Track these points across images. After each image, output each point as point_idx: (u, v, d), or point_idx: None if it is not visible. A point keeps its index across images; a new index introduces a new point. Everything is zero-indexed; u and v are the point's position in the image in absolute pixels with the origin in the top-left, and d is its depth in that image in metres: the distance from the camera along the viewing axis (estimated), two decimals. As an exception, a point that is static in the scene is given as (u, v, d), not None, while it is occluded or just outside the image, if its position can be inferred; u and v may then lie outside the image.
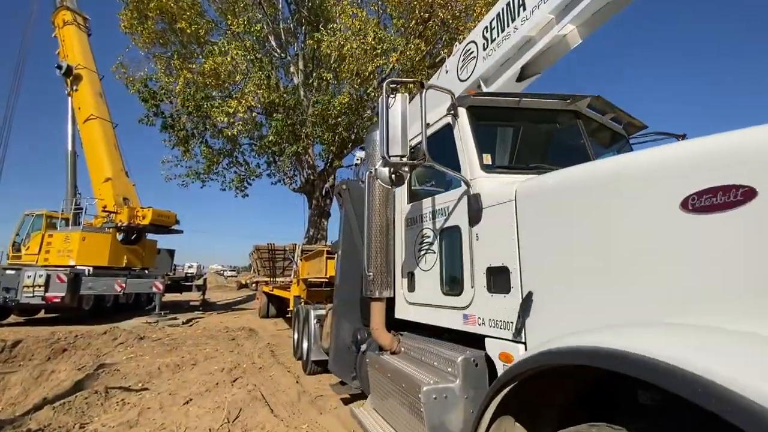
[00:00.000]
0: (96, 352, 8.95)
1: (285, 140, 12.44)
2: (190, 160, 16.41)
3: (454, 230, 2.73)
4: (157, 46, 15.91)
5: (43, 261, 13.79)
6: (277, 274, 14.11)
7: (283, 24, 16.08)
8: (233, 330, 11.36)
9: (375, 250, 3.32)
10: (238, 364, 7.03)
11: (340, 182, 4.88)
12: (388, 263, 3.36)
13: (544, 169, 2.42)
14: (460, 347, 2.60)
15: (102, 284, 12.89)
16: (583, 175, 1.92)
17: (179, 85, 11.95)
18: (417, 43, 10.68)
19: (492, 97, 2.87)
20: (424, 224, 3.11)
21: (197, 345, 9.13)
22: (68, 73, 16.82)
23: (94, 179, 15.57)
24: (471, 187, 2.56)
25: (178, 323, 12.73)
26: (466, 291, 2.54)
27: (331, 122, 12.34)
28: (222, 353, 8.16)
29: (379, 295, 3.30)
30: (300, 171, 17.34)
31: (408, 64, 11.09)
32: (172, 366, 6.91)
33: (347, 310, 4.48)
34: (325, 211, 17.28)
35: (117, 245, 14.52)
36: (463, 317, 2.55)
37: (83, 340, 10.02)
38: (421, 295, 3.08)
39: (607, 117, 3.14)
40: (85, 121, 16.15)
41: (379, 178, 2.56)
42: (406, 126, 2.42)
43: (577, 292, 1.81)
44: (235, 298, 24.54)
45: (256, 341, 9.71)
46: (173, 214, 15.55)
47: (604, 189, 1.76)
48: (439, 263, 2.87)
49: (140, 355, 8.13)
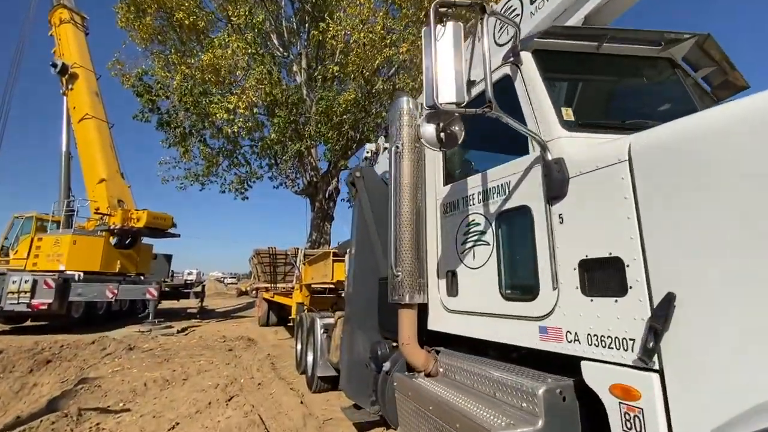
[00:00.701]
0: (82, 363, 8.23)
1: (288, 138, 11.79)
2: (188, 162, 15.83)
3: (519, 213, 2.03)
4: (155, 44, 15.39)
5: (32, 266, 13.06)
6: (278, 280, 13.39)
7: (285, 23, 15.57)
8: (231, 339, 10.61)
9: (404, 245, 2.61)
10: (235, 379, 6.29)
11: (353, 169, 4.19)
12: (420, 261, 2.65)
13: (647, 126, 1.73)
14: (531, 372, 1.89)
15: (93, 290, 12.15)
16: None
17: (177, 80, 11.34)
18: (428, 33, 10.04)
19: (565, 37, 2.17)
20: (470, 209, 2.41)
21: (191, 356, 8.38)
22: (63, 72, 16.25)
23: (87, 180, 14.92)
24: (548, 150, 1.86)
25: (173, 332, 11.96)
26: (545, 294, 1.83)
27: (336, 120, 11.70)
28: (217, 366, 7.41)
29: (409, 301, 2.59)
30: (302, 173, 16.70)
31: (419, 55, 10.46)
32: (161, 381, 6.16)
33: (362, 319, 3.76)
34: (328, 215, 16.60)
35: (110, 249, 13.81)
36: (540, 330, 1.84)
37: (69, 351, 9.31)
38: (468, 301, 2.37)
39: (701, 73, 2.45)
40: (80, 120, 15.55)
41: (423, 138, 1.87)
42: (461, 63, 1.73)
43: (747, 293, 1.11)
44: (235, 306, 23.75)
45: (255, 352, 8.96)
46: (170, 217, 14.85)
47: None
48: (495, 258, 2.17)
49: (127, 368, 7.39)
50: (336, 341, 4.89)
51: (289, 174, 17.37)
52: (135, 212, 13.95)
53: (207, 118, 11.80)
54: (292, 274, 13.53)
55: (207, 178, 15.98)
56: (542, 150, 1.89)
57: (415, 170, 2.76)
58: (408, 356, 2.59)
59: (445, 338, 2.67)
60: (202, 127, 12.33)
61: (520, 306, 1.97)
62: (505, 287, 2.10)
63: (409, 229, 2.65)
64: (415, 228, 2.67)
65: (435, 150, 1.91)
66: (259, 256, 13.33)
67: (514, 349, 2.12)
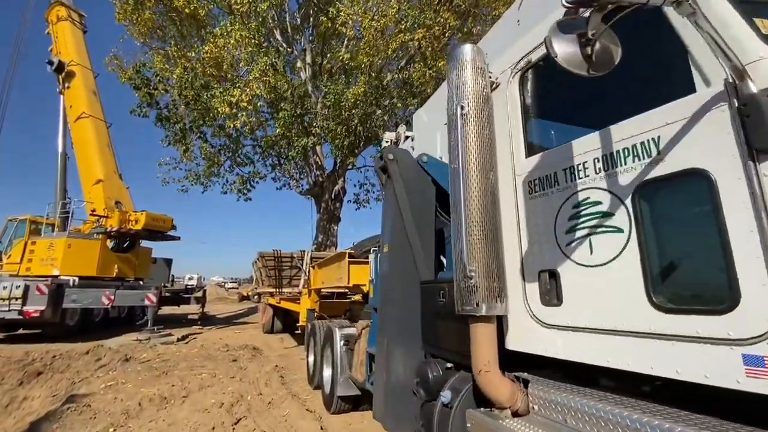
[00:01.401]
0: (75, 375, 7.58)
1: (294, 134, 11.13)
2: (189, 162, 15.20)
3: (685, 180, 1.35)
4: (154, 39, 14.83)
5: (25, 270, 12.41)
6: (283, 285, 12.68)
7: (289, 18, 15.00)
8: (235, 348, 9.90)
9: (476, 237, 1.93)
10: (241, 396, 5.59)
11: (384, 149, 3.50)
12: (499, 259, 1.97)
13: None
14: (692, 417, 1.20)
15: (88, 296, 11.46)
16: None
17: (177, 72, 10.70)
18: (446, 17, 9.40)
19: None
20: (579, 184, 1.73)
21: (191, 368, 7.68)
22: (60, 70, 15.71)
23: (84, 181, 14.31)
24: (748, 78, 1.18)
25: (173, 340, 11.27)
26: (752, 302, 1.14)
27: (345, 114, 11.04)
28: (221, 380, 6.71)
29: (487, 313, 1.90)
30: (307, 173, 16.06)
31: (435, 42, 9.82)
32: (157, 400, 5.46)
33: (401, 331, 3.07)
34: (334, 216, 15.93)
35: (107, 253, 13.14)
36: (746, 361, 1.15)
37: (62, 362, 8.66)
38: (582, 313, 1.68)
39: None
40: (77, 119, 14.98)
41: (560, 57, 1.18)
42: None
43: None
44: (237, 311, 23.05)
45: (262, 363, 8.26)
46: (169, 218, 14.19)
47: None
48: (637, 249, 1.48)
49: (121, 383, 6.69)
50: (360, 356, 4.20)
51: (293, 174, 16.74)
52: (133, 214, 13.30)
53: (208, 113, 11.16)
54: (299, 278, 12.84)
55: (208, 179, 15.37)
56: (735, 79, 1.21)
57: (488, 139, 2.08)
58: (486, 387, 1.90)
59: (511, 357, 1.99)
60: (202, 123, 11.68)
61: (696, 322, 1.28)
62: (659, 292, 1.41)
63: (483, 215, 1.96)
64: (491, 214, 1.99)
65: (581, 74, 1.22)
66: (264, 259, 12.63)
67: (648, 378, 1.44)
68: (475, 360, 1.92)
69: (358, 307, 7.55)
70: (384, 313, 3.30)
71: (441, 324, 2.71)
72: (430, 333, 2.91)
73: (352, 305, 7.82)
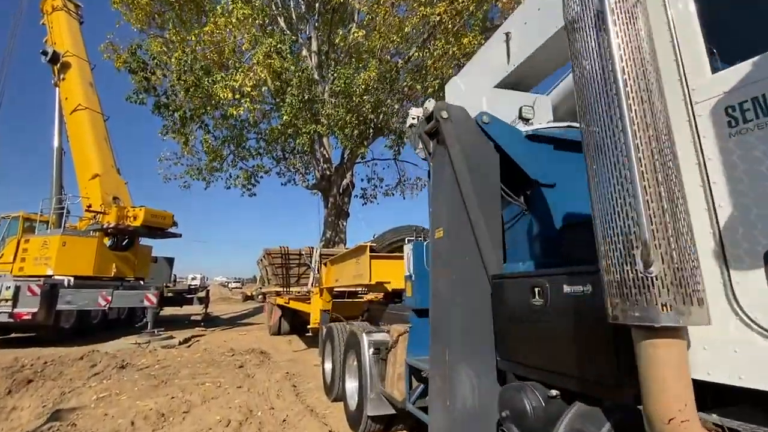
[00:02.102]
0: (68, 383, 6.90)
1: (302, 121, 10.36)
2: (190, 156, 14.50)
3: None
4: (152, 27, 14.10)
5: (18, 270, 11.72)
6: (291, 284, 11.95)
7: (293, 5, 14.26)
8: (240, 353, 9.18)
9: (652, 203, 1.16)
10: (251, 411, 4.84)
11: (435, 106, 2.71)
12: (691, 239, 1.20)
13: None
14: None
15: (83, 297, 10.75)
16: None
17: (175, 56, 9.94)
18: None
19: None
20: None
21: (194, 376, 6.95)
22: (54, 60, 15.00)
23: (80, 176, 13.61)
24: None
25: (174, 343, 10.55)
26: None
27: (355, 100, 10.27)
28: (226, 390, 5.97)
29: (678, 322, 1.14)
30: (315, 165, 15.30)
31: (458, 18, 9.00)
32: (154, 416, 4.72)
33: (468, 342, 2.32)
34: (343, 211, 15.16)
35: (104, 251, 12.43)
36: None
37: (53, 368, 7.99)
38: None
39: None
40: (72, 112, 14.29)
41: None
42: None
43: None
44: (241, 312, 22.38)
45: (271, 369, 7.52)
46: (170, 215, 13.46)
47: None
48: None
49: (116, 394, 5.97)
50: (397, 369, 3.45)
51: (299, 168, 15.99)
52: (131, 210, 12.58)
53: (210, 101, 10.41)
54: (307, 276, 12.10)
55: (211, 174, 14.65)
56: None
57: (648, 48, 1.31)
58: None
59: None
60: (204, 112, 10.93)
61: None
62: None
63: (659, 167, 1.19)
64: (672, 166, 1.22)
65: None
66: (270, 256, 11.89)
67: None
68: (659, 401, 1.14)
69: (377, 307, 6.80)
70: (439, 316, 2.54)
71: (535, 334, 1.94)
72: (512, 345, 2.15)
73: (370, 305, 7.07)
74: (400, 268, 5.61)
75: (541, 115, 3.22)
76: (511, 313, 2.16)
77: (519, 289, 2.08)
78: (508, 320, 2.18)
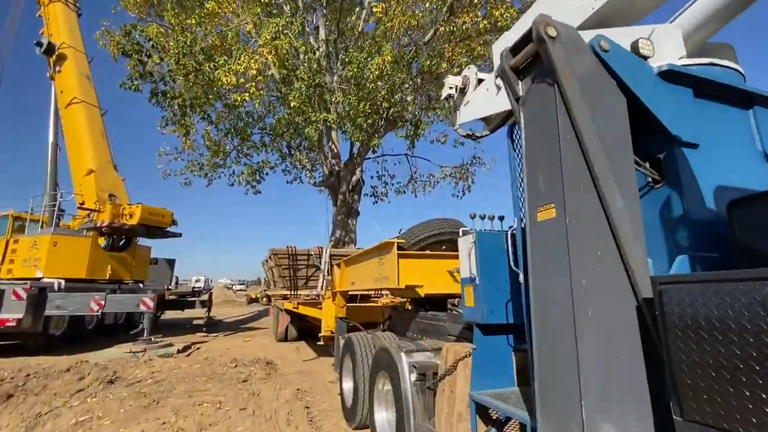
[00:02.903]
0: (51, 399, 6.10)
1: (311, 108, 9.48)
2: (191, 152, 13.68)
3: None
4: (151, 15, 13.33)
5: (7, 273, 10.93)
6: (299, 286, 11.05)
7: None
8: (244, 363, 8.28)
9: None
10: (256, 445, 3.94)
11: (536, 22, 1.80)
12: None
13: None
14: None
15: (74, 302, 9.89)
16: None
17: (174, 38, 9.10)
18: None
19: None
20: None
21: (191, 393, 6.05)
22: (50, 51, 14.27)
23: (74, 172, 12.82)
24: None
25: (172, 352, 9.67)
26: None
27: (369, 86, 9.38)
28: (227, 413, 5.07)
29: None
30: (322, 161, 14.42)
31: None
32: (138, 453, 3.83)
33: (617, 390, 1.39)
34: (353, 209, 14.26)
35: (98, 252, 11.59)
36: None
37: (37, 381, 7.20)
38: None
39: None
40: (68, 105, 13.54)
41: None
42: None
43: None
44: (245, 315, 21.52)
45: (279, 385, 6.61)
46: (169, 213, 12.61)
47: None
48: None
49: (98, 417, 5.10)
50: (457, 405, 2.52)
51: (306, 164, 15.12)
52: (127, 207, 11.73)
53: (211, 87, 9.55)
54: (316, 278, 11.20)
55: (213, 170, 13.82)
56: None
57: None
58: None
59: None
60: (205, 100, 10.08)
61: None
62: None
63: None
64: None
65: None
66: (277, 257, 11.00)
67: None
68: None
69: (404, 315, 5.87)
70: (554, 341, 1.62)
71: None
72: (719, 400, 1.23)
73: (393, 312, 6.14)
74: (433, 269, 4.67)
75: (665, 52, 2.30)
76: (716, 346, 1.23)
77: (735, 305, 1.16)
78: (710, 357, 1.25)
